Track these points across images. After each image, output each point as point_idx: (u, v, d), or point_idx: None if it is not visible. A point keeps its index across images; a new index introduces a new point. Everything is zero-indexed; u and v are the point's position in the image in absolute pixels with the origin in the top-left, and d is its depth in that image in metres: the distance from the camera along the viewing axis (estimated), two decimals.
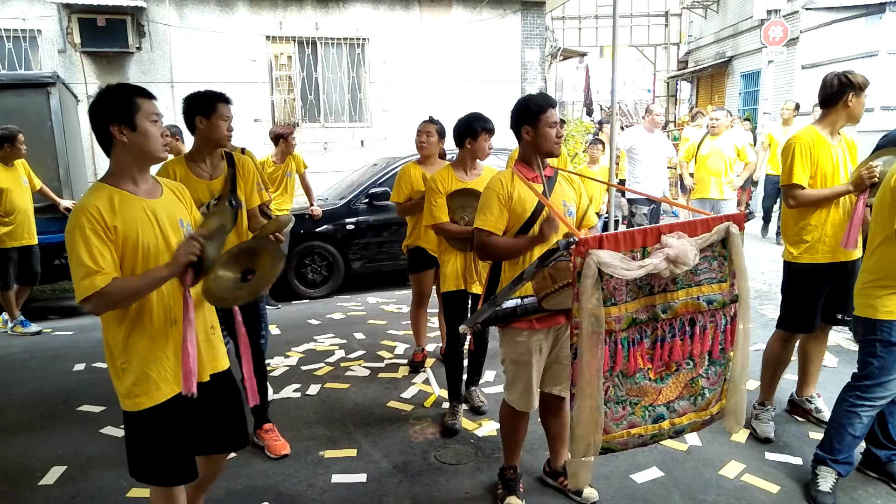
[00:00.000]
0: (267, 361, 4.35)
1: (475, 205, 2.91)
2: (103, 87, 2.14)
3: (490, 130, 3.69)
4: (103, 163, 9.10)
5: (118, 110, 2.06)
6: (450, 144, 4.15)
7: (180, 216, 2.22)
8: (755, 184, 11.76)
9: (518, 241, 2.64)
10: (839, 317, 3.36)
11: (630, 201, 7.21)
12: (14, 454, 3.48)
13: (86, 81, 8.97)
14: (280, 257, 2.32)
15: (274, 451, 3.41)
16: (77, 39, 8.75)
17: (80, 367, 4.84)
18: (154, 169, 2.39)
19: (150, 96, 2.15)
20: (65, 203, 6.07)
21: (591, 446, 2.11)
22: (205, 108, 3.11)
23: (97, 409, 4.01)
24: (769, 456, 3.26)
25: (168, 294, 2.12)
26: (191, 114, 3.13)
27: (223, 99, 3.15)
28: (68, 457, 3.41)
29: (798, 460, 3.20)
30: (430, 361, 4.67)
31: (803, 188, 3.19)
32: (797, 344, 3.55)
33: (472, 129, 3.65)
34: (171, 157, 5.18)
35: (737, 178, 7.02)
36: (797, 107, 8.49)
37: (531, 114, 2.68)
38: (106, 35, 8.82)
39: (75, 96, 7.89)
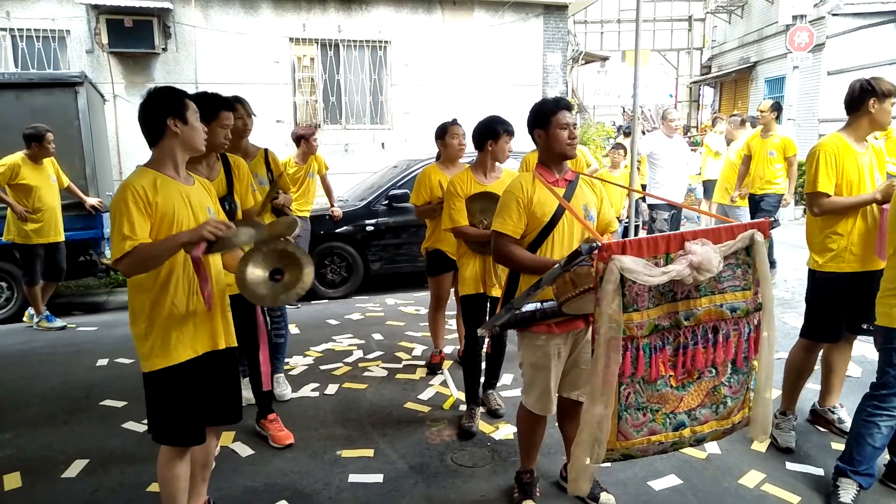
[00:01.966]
0: (286, 360, 4.40)
1: (494, 208, 2.91)
2: (154, 88, 2.48)
3: (510, 133, 3.69)
4: (128, 161, 9.27)
5: (174, 106, 2.39)
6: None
7: (207, 203, 2.53)
8: None
9: (539, 261, 2.58)
10: (864, 326, 3.31)
11: (650, 207, 7.17)
12: (37, 447, 3.54)
13: (112, 81, 9.12)
14: (310, 268, 2.49)
15: (278, 441, 3.46)
16: (105, 40, 8.89)
17: (103, 362, 4.91)
18: None
19: (191, 98, 2.49)
20: (90, 201, 6.16)
21: (595, 453, 2.09)
22: (207, 112, 3.09)
23: (119, 404, 4.06)
24: (790, 466, 3.22)
25: (191, 269, 2.36)
26: None
27: (227, 106, 3.20)
28: (90, 450, 3.46)
29: (820, 471, 3.16)
30: (447, 363, 4.67)
31: (829, 196, 3.15)
32: (820, 353, 3.50)
33: (494, 130, 3.64)
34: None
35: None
36: (775, 107, 6.71)
37: (542, 117, 2.69)
38: (133, 36, 8.96)
39: (102, 96, 8.01)
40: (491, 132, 3.66)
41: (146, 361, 2.38)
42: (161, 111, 2.37)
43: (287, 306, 4.56)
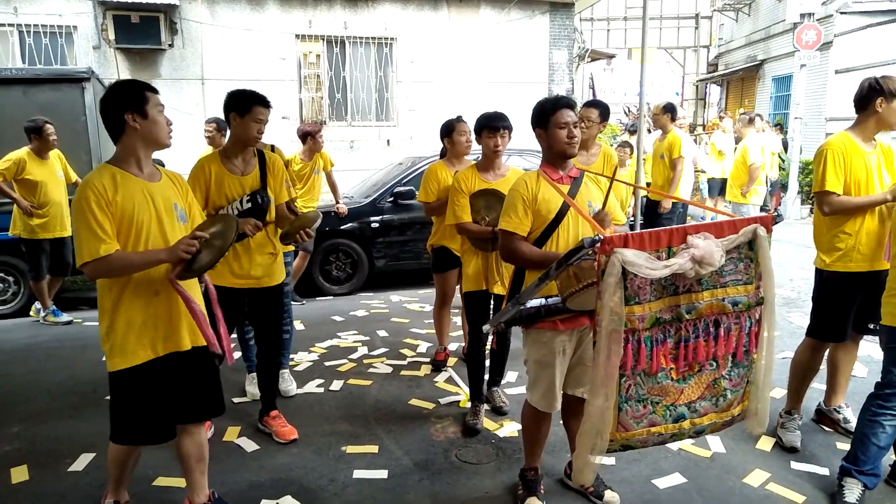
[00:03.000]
0: (291, 356, 4.42)
1: (498, 206, 2.91)
2: (114, 82, 2.45)
3: (492, 128, 3.64)
4: None
5: (132, 100, 2.33)
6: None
7: (175, 200, 2.49)
8: (785, 188, 11.61)
9: (547, 255, 2.59)
10: (871, 326, 3.29)
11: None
12: (44, 440, 3.56)
13: (119, 77, 9.13)
14: (233, 226, 2.50)
15: (282, 437, 3.49)
16: (111, 36, 8.92)
17: None
18: (177, 161, 2.56)
19: (155, 90, 2.39)
20: None
21: (598, 444, 2.11)
22: (241, 106, 3.20)
23: None
24: (795, 465, 3.21)
25: (151, 270, 2.34)
26: (228, 109, 3.24)
27: (261, 101, 3.24)
28: (97, 444, 3.46)
29: (825, 471, 3.15)
30: (452, 360, 4.68)
31: (837, 195, 3.14)
32: (826, 353, 3.49)
33: (477, 128, 3.72)
34: (209, 148, 5.29)
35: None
36: (667, 108, 6.62)
37: (542, 116, 2.68)
38: (139, 32, 8.99)
39: None
40: (476, 129, 3.73)
41: (108, 361, 2.37)
42: (119, 106, 2.32)
43: (293, 302, 4.58)
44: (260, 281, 3.35)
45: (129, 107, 2.31)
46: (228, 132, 3.41)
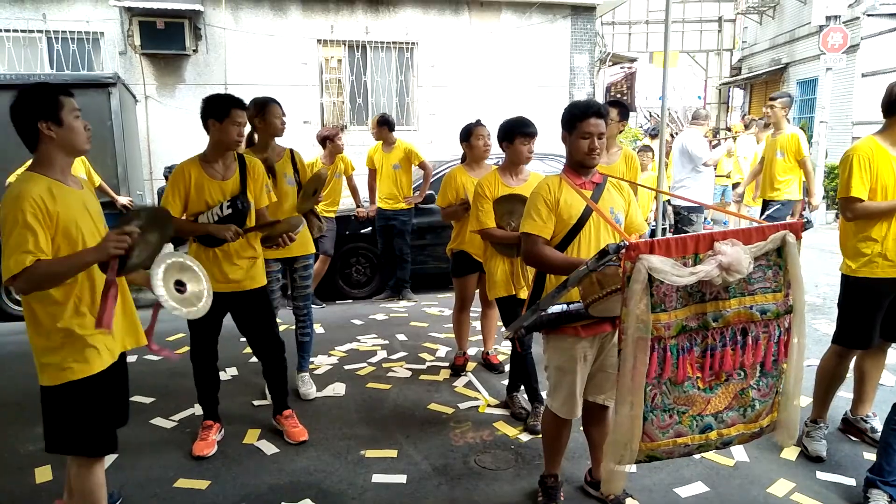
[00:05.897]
0: (311, 359, 4.43)
1: (521, 210, 2.90)
2: (24, 87, 2.23)
3: (526, 134, 3.65)
4: (159, 162, 9.34)
5: (45, 108, 2.19)
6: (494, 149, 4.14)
7: (98, 207, 2.41)
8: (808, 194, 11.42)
9: (570, 260, 2.55)
10: None
11: (687, 210, 7.07)
12: None
13: (144, 82, 9.28)
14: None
15: (293, 437, 3.51)
16: (137, 42, 9.05)
17: (131, 359, 4.96)
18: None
19: (70, 94, 2.27)
20: (122, 200, 6.27)
21: (627, 455, 2.08)
22: (219, 112, 3.19)
23: (147, 400, 4.12)
24: (820, 475, 3.16)
25: (96, 277, 2.27)
26: (205, 116, 3.22)
27: (238, 105, 3.23)
28: (121, 446, 3.49)
29: (851, 481, 3.09)
30: (471, 365, 4.66)
31: (862, 201, 3.09)
32: (853, 360, 3.43)
33: (509, 133, 3.67)
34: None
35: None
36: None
37: (570, 121, 2.65)
38: (164, 38, 9.10)
39: (134, 97, 8.15)
40: (506, 135, 3.69)
41: (60, 373, 2.24)
42: (31, 115, 2.18)
43: (313, 306, 4.60)
44: (241, 284, 3.33)
45: (41, 115, 2.18)
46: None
